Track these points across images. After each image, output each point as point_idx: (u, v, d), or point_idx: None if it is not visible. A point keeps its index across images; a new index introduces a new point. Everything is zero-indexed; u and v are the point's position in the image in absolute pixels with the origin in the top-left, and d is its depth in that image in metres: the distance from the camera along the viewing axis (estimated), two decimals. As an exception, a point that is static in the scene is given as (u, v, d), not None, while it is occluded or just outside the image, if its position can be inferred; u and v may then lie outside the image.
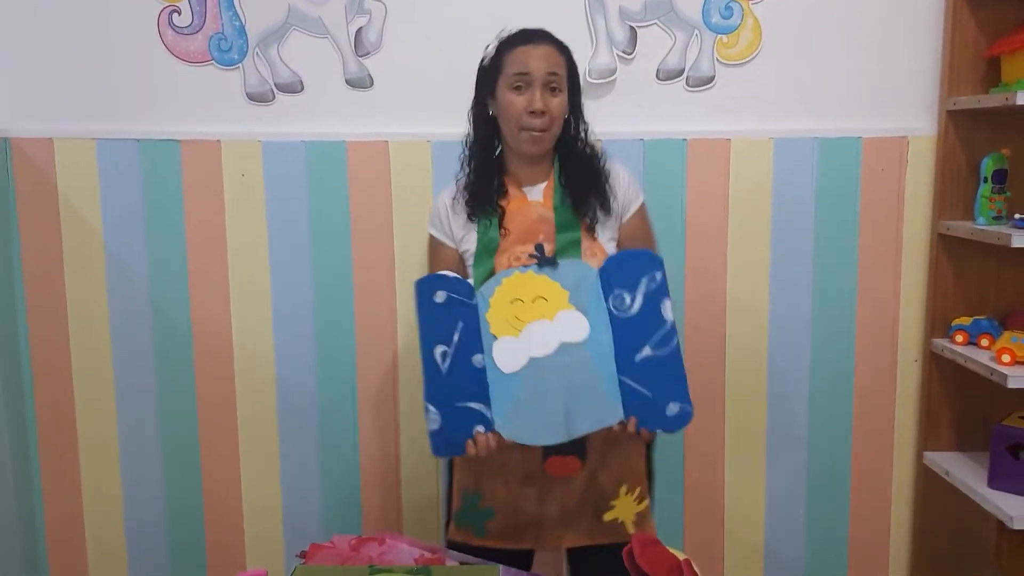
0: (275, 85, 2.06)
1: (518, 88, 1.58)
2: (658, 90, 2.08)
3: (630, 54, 2.06)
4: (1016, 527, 1.83)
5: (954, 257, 2.10)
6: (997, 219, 2.00)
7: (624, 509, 1.59)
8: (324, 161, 2.08)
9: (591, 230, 1.62)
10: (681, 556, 1.38)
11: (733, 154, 2.09)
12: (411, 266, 2.11)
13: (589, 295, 1.50)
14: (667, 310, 1.49)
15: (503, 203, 1.63)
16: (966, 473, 2.02)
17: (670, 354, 1.48)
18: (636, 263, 1.51)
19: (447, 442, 1.48)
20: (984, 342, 2.01)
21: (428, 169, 2.08)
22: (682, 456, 2.19)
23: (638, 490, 1.60)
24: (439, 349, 1.49)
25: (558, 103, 1.60)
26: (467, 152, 1.69)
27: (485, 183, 1.64)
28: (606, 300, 1.50)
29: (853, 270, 2.14)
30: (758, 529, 2.23)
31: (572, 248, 1.57)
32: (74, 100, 2.06)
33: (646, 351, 1.48)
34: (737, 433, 2.19)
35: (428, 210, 2.07)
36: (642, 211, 1.71)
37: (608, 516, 1.58)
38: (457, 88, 2.04)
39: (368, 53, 2.06)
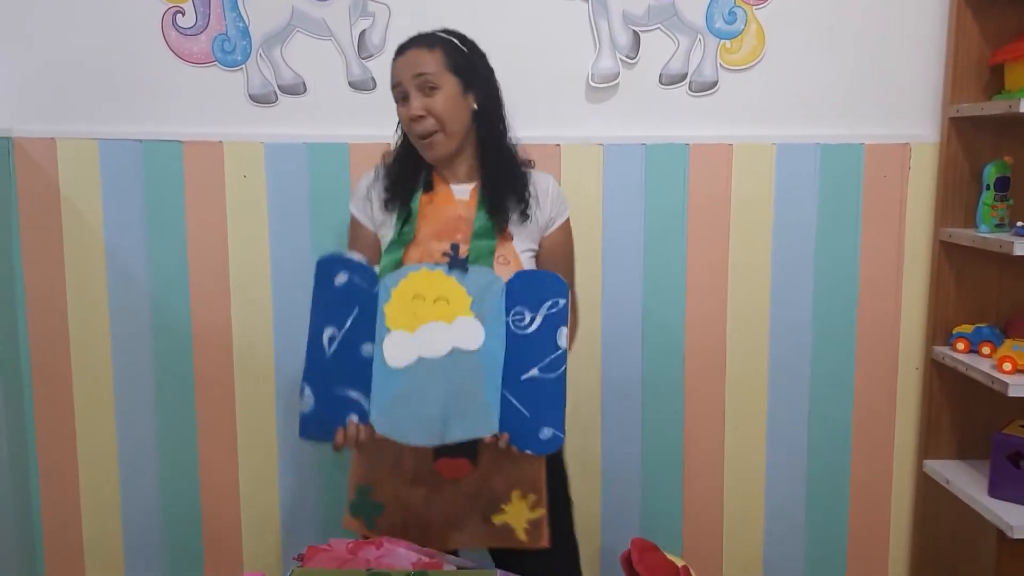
0: (278, 87, 2.06)
1: (400, 101, 1.59)
2: (661, 95, 2.08)
3: (633, 59, 2.06)
4: (1016, 536, 1.83)
5: (956, 265, 2.09)
6: (999, 227, 2.00)
7: (515, 514, 1.57)
8: (326, 163, 2.08)
9: (507, 235, 1.60)
10: (679, 562, 1.38)
11: (735, 159, 2.09)
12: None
13: (491, 305, 1.49)
14: (562, 337, 1.48)
15: (427, 196, 1.62)
16: (966, 482, 2.01)
17: (555, 380, 1.47)
18: (542, 284, 1.50)
19: (317, 426, 1.48)
20: (985, 350, 2.00)
21: (430, 172, 2.08)
22: (681, 462, 2.18)
23: (532, 497, 1.58)
24: (328, 331, 1.49)
25: (438, 101, 1.56)
26: (398, 139, 1.67)
27: (405, 177, 1.63)
28: (507, 314, 1.49)
29: (854, 277, 2.14)
30: (757, 536, 2.22)
31: (485, 256, 1.55)
32: (77, 100, 2.06)
33: (533, 372, 1.48)
34: (737, 439, 2.19)
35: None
36: (566, 227, 1.69)
37: (498, 519, 1.57)
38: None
39: (371, 55, 2.06)
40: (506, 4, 2.04)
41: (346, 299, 1.49)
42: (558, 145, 2.06)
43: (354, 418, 1.47)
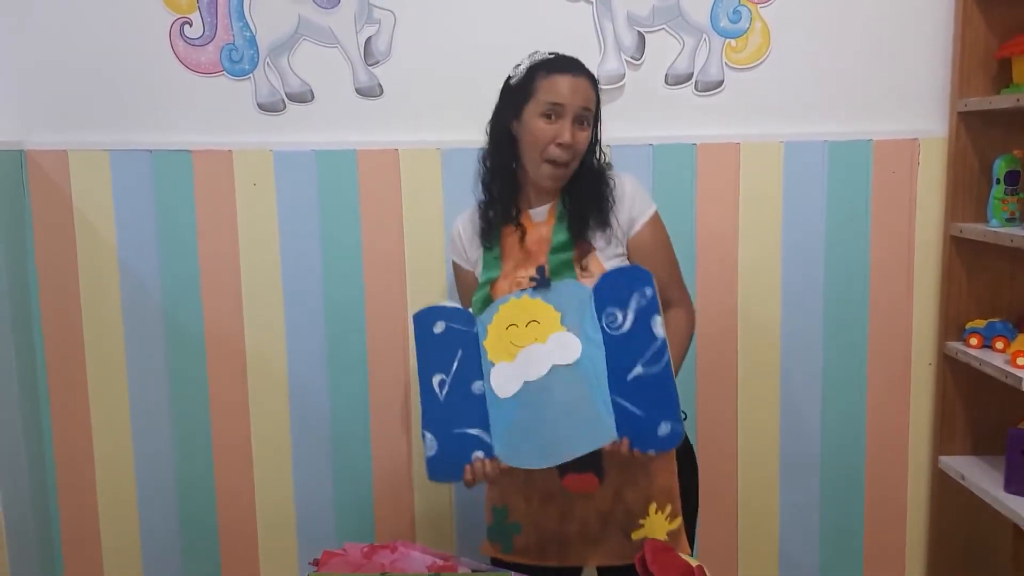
0: (286, 95, 2.08)
1: (548, 117, 1.56)
2: (667, 95, 2.08)
3: (638, 59, 2.06)
4: (1033, 531, 1.82)
5: (967, 259, 2.08)
6: (1010, 221, 1.99)
7: (654, 527, 1.56)
8: (335, 170, 2.09)
9: (589, 247, 1.59)
10: (694, 562, 1.38)
11: (743, 158, 2.09)
12: (422, 274, 2.11)
13: (583, 315, 1.50)
14: (658, 326, 1.47)
15: (509, 228, 1.63)
16: (982, 477, 2.00)
17: (661, 372, 1.46)
18: (626, 279, 1.50)
19: (444, 468, 1.50)
20: (999, 345, 1.99)
21: (438, 177, 2.09)
22: (696, 461, 2.18)
23: (669, 508, 1.57)
24: (437, 378, 1.51)
25: (584, 137, 1.58)
26: (485, 168, 1.66)
27: (503, 208, 1.63)
28: (599, 319, 1.49)
29: (865, 273, 2.13)
30: (772, 534, 2.22)
31: (565, 268, 1.56)
32: (87, 112, 2.08)
33: (638, 369, 1.46)
34: (750, 437, 2.18)
35: (439, 217, 2.10)
36: (653, 222, 1.66)
37: (637, 535, 1.56)
38: (467, 96, 2.06)
39: (378, 62, 2.07)
40: (510, 7, 2.05)
41: (448, 344, 1.52)
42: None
43: (479, 454, 1.49)
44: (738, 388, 2.16)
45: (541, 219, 1.63)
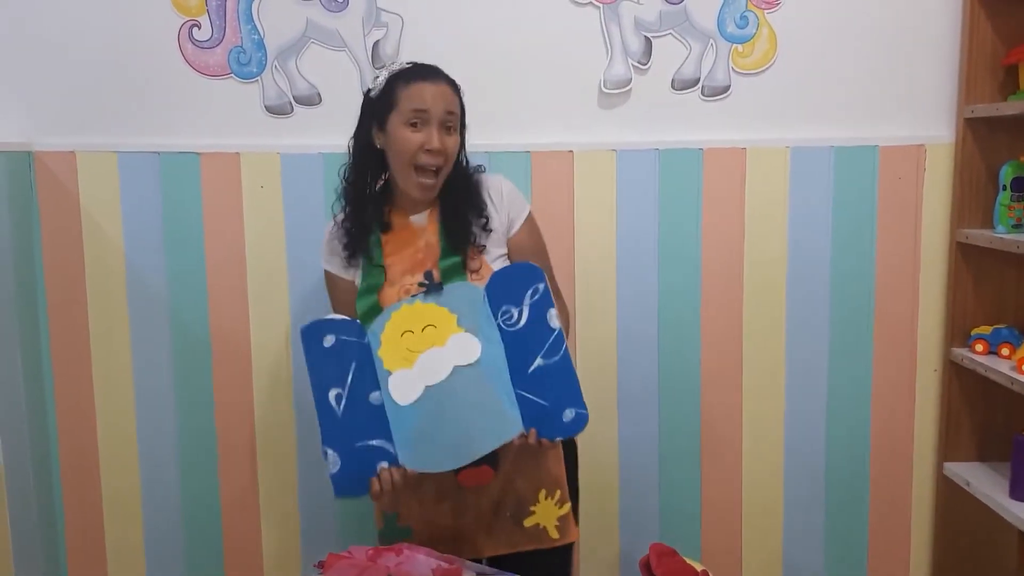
0: (293, 98, 2.08)
1: (414, 125, 1.57)
2: (673, 100, 2.08)
3: (645, 64, 2.07)
4: (1038, 538, 1.81)
5: (973, 266, 2.08)
6: (1016, 227, 1.99)
7: (545, 514, 1.59)
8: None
9: (479, 250, 1.61)
10: (699, 567, 1.38)
11: (749, 163, 2.09)
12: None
13: (478, 315, 1.51)
14: (552, 318, 1.50)
15: (387, 236, 1.64)
16: (987, 484, 2.00)
17: (560, 361, 1.49)
18: (518, 276, 1.52)
19: (350, 482, 1.50)
20: (1004, 351, 1.99)
21: (444, 180, 2.09)
22: (699, 465, 2.18)
23: (558, 493, 1.60)
24: (333, 392, 1.51)
25: (453, 143, 1.60)
26: (347, 183, 1.67)
27: (362, 224, 1.64)
28: (495, 317, 1.51)
29: (871, 279, 2.13)
30: (776, 539, 2.21)
31: (456, 272, 1.56)
32: (96, 114, 2.09)
33: (538, 361, 1.49)
34: (755, 442, 2.18)
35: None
36: (529, 222, 1.69)
37: (529, 522, 1.58)
38: (473, 100, 2.05)
39: (384, 65, 2.07)
40: (518, 11, 2.05)
41: (340, 357, 1.52)
42: (571, 151, 2.07)
43: (384, 464, 1.49)
44: (743, 392, 2.16)
45: (421, 223, 1.64)
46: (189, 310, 2.13)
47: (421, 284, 1.53)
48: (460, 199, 1.63)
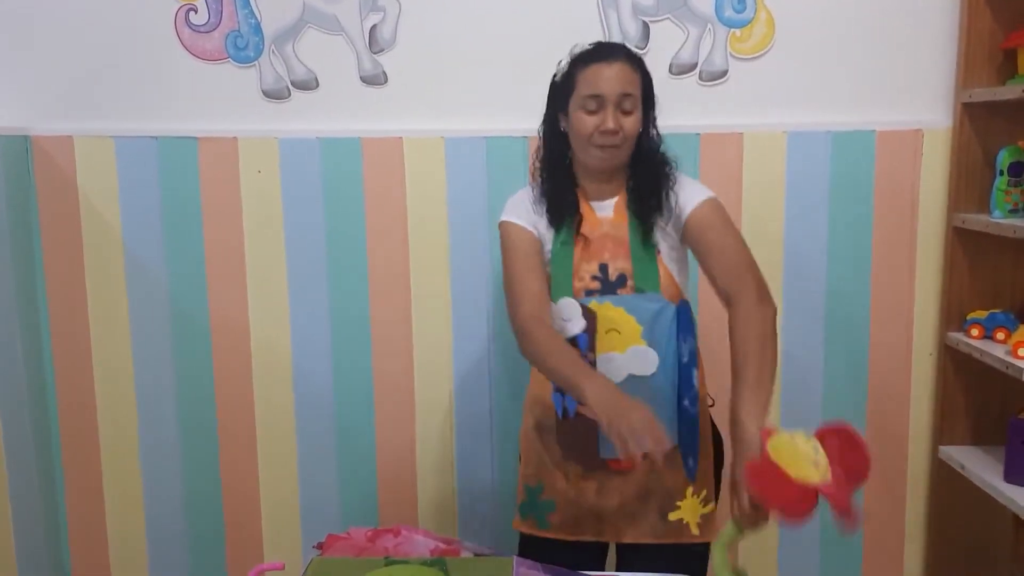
0: (291, 82, 2.08)
1: (591, 111, 1.54)
2: (671, 84, 2.08)
3: (643, 49, 2.06)
4: (1032, 521, 1.83)
5: (970, 250, 2.09)
6: (1013, 212, 1.99)
7: (689, 510, 1.59)
8: (339, 158, 2.09)
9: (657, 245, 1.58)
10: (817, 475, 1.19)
11: (746, 148, 2.09)
12: (426, 261, 2.12)
13: (662, 332, 1.54)
14: (695, 379, 1.59)
15: (574, 217, 1.60)
16: (982, 467, 2.01)
17: (696, 415, 1.59)
18: (688, 316, 1.59)
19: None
20: (1000, 335, 2.00)
21: (442, 165, 2.09)
22: (696, 450, 2.19)
23: (704, 492, 1.61)
24: None
25: (631, 122, 1.55)
26: (539, 165, 1.65)
27: (561, 193, 1.60)
28: (677, 340, 1.56)
29: (867, 264, 2.13)
30: (771, 525, 2.22)
31: (651, 281, 1.55)
32: (93, 98, 2.09)
33: (686, 402, 1.57)
34: (751, 427, 2.19)
35: (442, 206, 2.10)
36: (713, 202, 1.57)
37: (673, 516, 1.59)
38: (471, 85, 2.06)
39: (382, 50, 2.07)
40: (516, -4, 2.05)
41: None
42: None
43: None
44: (740, 377, 2.17)
45: (607, 214, 1.60)
46: (187, 294, 2.13)
47: (595, 277, 1.55)
48: (645, 178, 1.58)
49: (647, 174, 1.59)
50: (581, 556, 1.61)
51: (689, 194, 1.59)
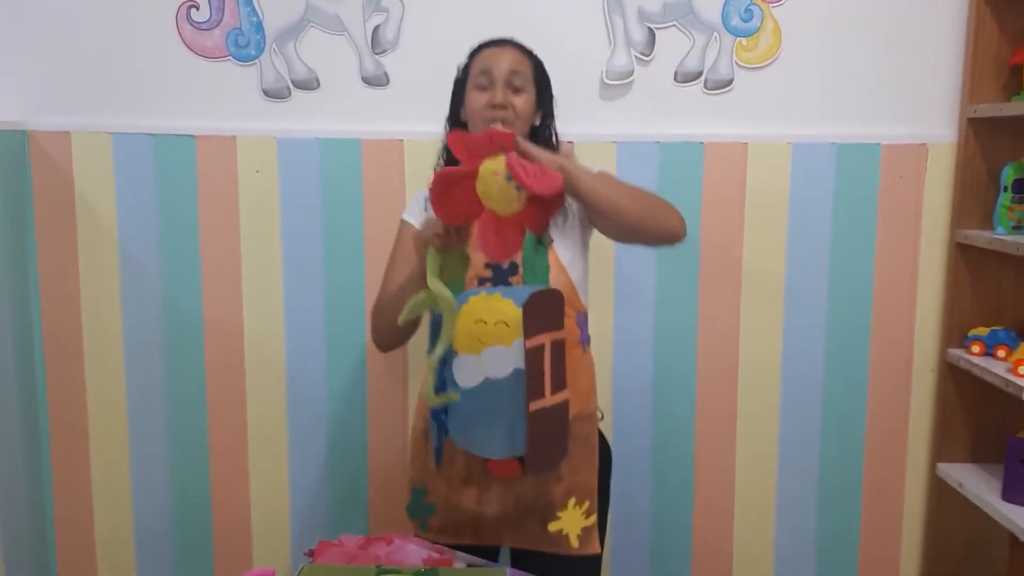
0: (291, 82, 2.06)
1: (482, 87, 1.60)
2: (675, 92, 2.07)
3: (648, 56, 2.05)
4: (1031, 541, 1.81)
5: (972, 267, 2.08)
6: (1016, 229, 1.98)
7: (570, 521, 1.57)
8: (338, 159, 2.07)
9: (549, 242, 1.59)
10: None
11: (750, 158, 2.08)
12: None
13: None
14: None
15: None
16: (980, 486, 2.00)
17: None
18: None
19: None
20: (1001, 353, 1.98)
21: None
22: (692, 462, 2.17)
23: (587, 504, 1.59)
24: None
25: (521, 101, 1.60)
26: (440, 161, 1.68)
27: None
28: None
29: (869, 278, 2.12)
30: (768, 537, 2.21)
31: (541, 274, 1.53)
32: (91, 94, 2.07)
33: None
34: (748, 440, 2.17)
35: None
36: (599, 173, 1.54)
37: (553, 527, 1.57)
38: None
39: (385, 51, 2.06)
40: (520, 1, 2.03)
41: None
42: (571, 143, 2.05)
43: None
44: (738, 388, 2.15)
45: None
46: (182, 293, 2.11)
47: (488, 266, 1.53)
48: None
49: None
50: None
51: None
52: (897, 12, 2.05)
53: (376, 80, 2.07)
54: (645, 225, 1.51)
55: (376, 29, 2.05)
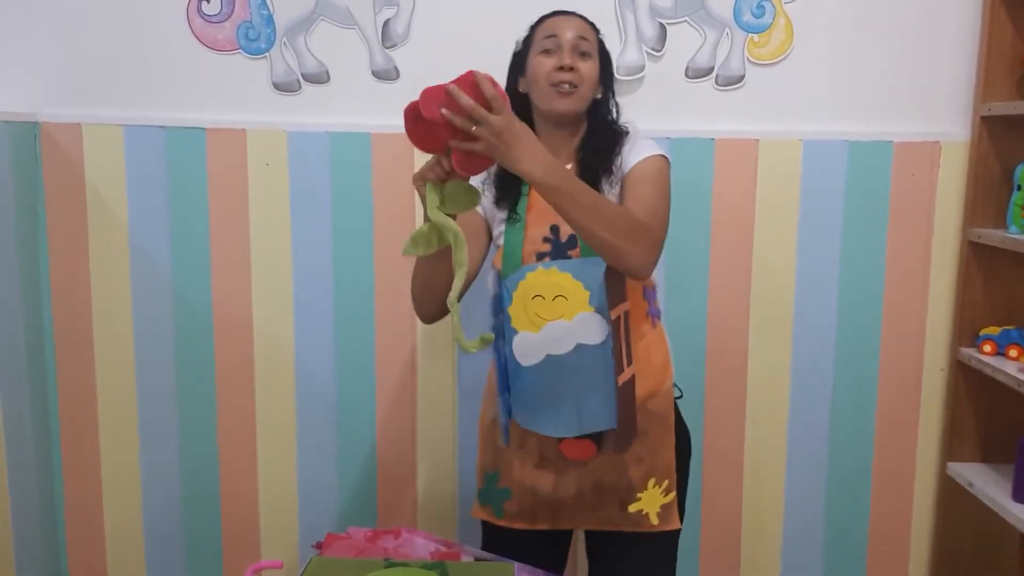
0: (302, 75, 2.06)
1: (547, 51, 1.59)
2: (687, 88, 2.06)
3: (659, 51, 2.04)
4: (1041, 542, 1.80)
5: (984, 265, 2.06)
6: (1030, 227, 1.97)
7: (650, 501, 1.58)
8: (348, 152, 2.07)
9: None
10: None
11: (761, 155, 2.07)
12: (433, 260, 2.10)
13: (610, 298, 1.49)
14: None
15: (531, 188, 1.57)
16: (990, 485, 1.99)
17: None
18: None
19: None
20: (1012, 352, 1.97)
21: (452, 163, 2.07)
22: (702, 460, 2.17)
23: (666, 483, 1.59)
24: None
25: (587, 68, 1.59)
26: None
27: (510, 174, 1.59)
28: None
29: (880, 276, 2.11)
30: (776, 537, 2.20)
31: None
32: (102, 86, 2.07)
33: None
34: (758, 439, 2.17)
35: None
36: (656, 160, 1.55)
37: (633, 507, 1.57)
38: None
39: (395, 45, 2.05)
40: (532, -5, 2.03)
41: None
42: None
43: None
44: (747, 388, 2.15)
45: None
46: (192, 285, 2.12)
47: (546, 239, 1.53)
48: (596, 150, 1.59)
49: (598, 143, 1.61)
50: (543, 544, 1.62)
51: (638, 151, 1.59)
52: (910, 9, 2.04)
53: (386, 74, 2.06)
54: (604, 254, 1.43)
55: (387, 23, 2.04)
